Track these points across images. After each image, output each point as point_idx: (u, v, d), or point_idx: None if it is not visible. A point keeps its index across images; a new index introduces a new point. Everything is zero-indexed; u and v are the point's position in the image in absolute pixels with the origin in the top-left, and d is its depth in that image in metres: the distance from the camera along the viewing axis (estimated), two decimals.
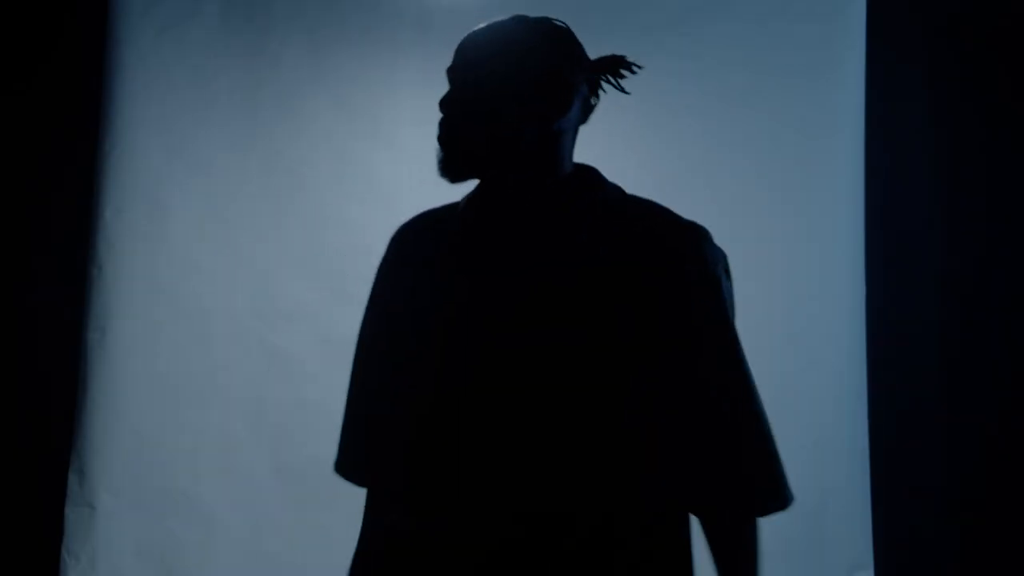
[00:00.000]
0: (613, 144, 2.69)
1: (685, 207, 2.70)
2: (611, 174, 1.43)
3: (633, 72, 1.42)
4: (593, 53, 1.43)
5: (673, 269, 1.28)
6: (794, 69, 2.88)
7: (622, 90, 1.42)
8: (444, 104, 1.38)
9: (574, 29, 1.43)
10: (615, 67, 1.42)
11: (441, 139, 1.37)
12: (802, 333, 2.82)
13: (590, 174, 1.40)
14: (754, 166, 2.85)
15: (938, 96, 2.91)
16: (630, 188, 1.42)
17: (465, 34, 1.41)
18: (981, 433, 2.83)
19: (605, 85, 1.43)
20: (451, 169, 1.37)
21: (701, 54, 2.85)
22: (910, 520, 2.83)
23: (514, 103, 1.34)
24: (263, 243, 2.77)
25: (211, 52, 2.80)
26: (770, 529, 2.98)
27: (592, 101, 1.42)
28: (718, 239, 1.37)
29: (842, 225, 2.88)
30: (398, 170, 2.81)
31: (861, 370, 2.85)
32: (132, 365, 2.69)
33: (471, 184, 1.42)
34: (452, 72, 1.40)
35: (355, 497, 2.84)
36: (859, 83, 2.90)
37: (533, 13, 2.85)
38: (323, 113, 2.82)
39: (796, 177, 2.87)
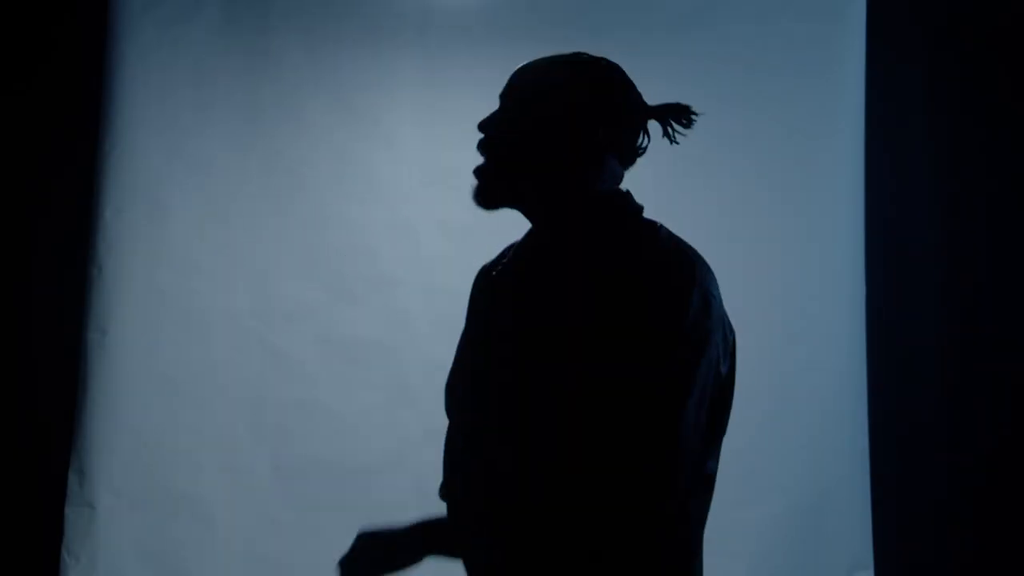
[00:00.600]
0: None
1: (685, 207, 2.71)
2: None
3: (690, 125, 1.41)
4: (594, 53, 1.42)
5: (658, 301, 1.24)
6: (794, 69, 2.88)
7: (672, 140, 1.42)
8: (484, 124, 1.39)
9: (575, 29, 1.42)
10: (670, 116, 1.42)
11: (479, 167, 1.39)
12: (802, 333, 2.82)
13: (616, 202, 1.38)
14: (754, 166, 2.85)
15: (938, 96, 2.91)
16: (630, 188, 1.42)
17: (466, 36, 1.42)
18: (981, 433, 2.83)
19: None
20: (485, 196, 1.38)
21: (701, 54, 2.85)
22: (910, 520, 2.83)
23: (554, 138, 1.35)
24: (263, 243, 2.77)
25: (211, 52, 2.80)
26: (771, 528, 2.99)
27: (642, 144, 1.42)
28: (718, 239, 1.36)
29: (842, 225, 2.88)
30: (398, 170, 2.81)
31: (861, 370, 2.85)
32: (132, 365, 2.68)
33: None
34: (501, 97, 1.41)
35: (355, 497, 2.85)
36: (859, 83, 2.90)
37: (537, 15, 2.86)
38: (323, 113, 2.82)
39: (796, 177, 2.88)
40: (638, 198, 1.41)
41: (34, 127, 2.76)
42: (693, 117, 1.41)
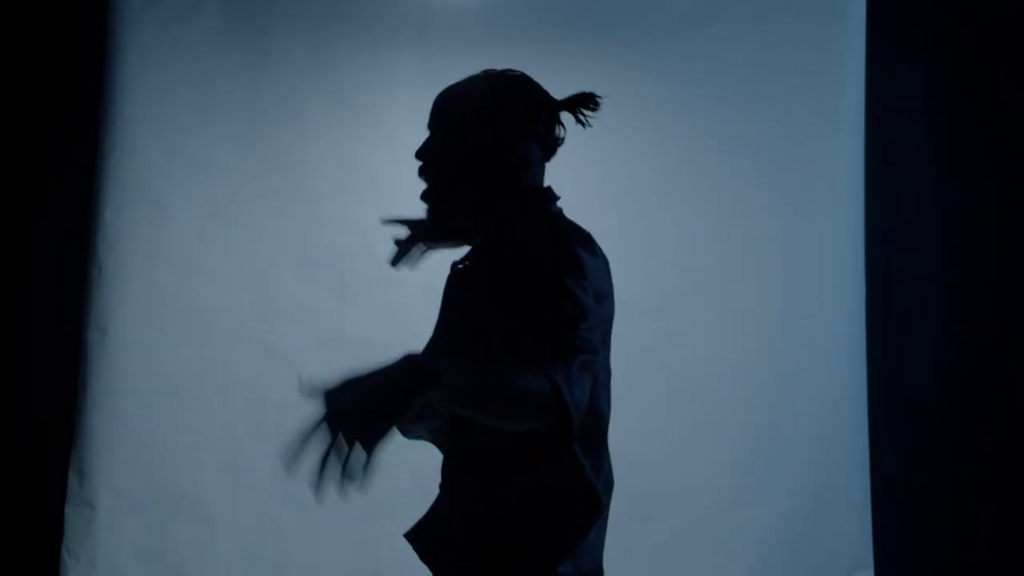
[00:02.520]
0: (614, 144, 2.70)
1: (685, 207, 2.71)
2: (612, 174, 1.43)
3: (597, 107, 1.53)
4: (594, 53, 1.43)
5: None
6: (794, 69, 2.88)
7: (584, 125, 1.54)
8: (420, 153, 1.60)
9: (575, 29, 1.44)
10: (579, 105, 1.54)
11: (425, 192, 1.63)
12: (802, 333, 2.82)
13: (535, 198, 1.53)
14: (754, 166, 2.85)
15: (938, 96, 2.91)
16: (631, 188, 1.42)
17: (466, 36, 1.44)
18: (981, 433, 2.83)
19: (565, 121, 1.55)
20: (426, 198, 1.63)
21: (701, 54, 2.85)
22: (910, 520, 2.83)
23: (481, 152, 1.54)
24: (263, 243, 2.77)
25: (211, 52, 2.80)
26: (771, 528, 2.98)
27: (558, 135, 1.56)
28: (718, 239, 1.36)
29: (842, 225, 2.88)
30: (398, 170, 2.79)
31: (861, 370, 2.85)
32: (132, 365, 2.69)
33: None
34: (429, 126, 1.62)
35: (355, 497, 2.84)
36: (859, 83, 2.90)
37: (537, 15, 2.85)
38: (323, 113, 2.82)
39: (796, 177, 2.88)
40: (638, 197, 1.41)
41: (34, 127, 2.76)
42: (598, 100, 1.52)
